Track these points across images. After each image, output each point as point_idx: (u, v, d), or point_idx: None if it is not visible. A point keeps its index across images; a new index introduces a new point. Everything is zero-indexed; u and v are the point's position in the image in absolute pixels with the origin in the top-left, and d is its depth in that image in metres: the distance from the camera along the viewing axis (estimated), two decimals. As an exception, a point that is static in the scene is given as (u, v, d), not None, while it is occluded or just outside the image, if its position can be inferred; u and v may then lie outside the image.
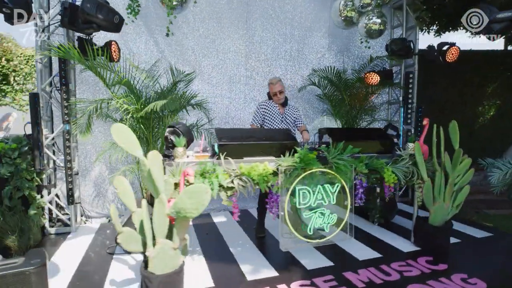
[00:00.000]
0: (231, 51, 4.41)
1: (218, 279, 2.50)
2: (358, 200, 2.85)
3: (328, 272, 2.61)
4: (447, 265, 2.76)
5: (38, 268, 1.43)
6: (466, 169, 3.07)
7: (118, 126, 2.06)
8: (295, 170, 2.57)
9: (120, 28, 3.12)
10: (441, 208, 3.04)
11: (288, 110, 3.38)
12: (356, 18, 4.28)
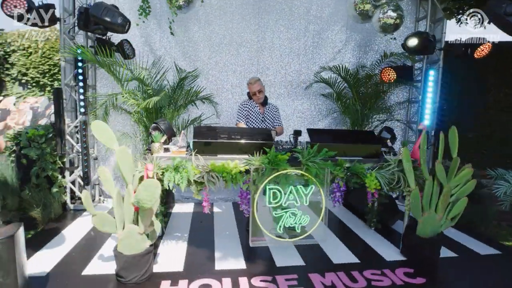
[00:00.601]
0: (243, 46, 4.50)
1: (189, 265, 2.71)
2: (335, 203, 2.83)
3: (295, 271, 2.66)
4: (426, 279, 2.62)
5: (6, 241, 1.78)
6: (466, 179, 2.83)
7: (98, 123, 2.34)
8: (268, 169, 2.64)
9: (126, 29, 3.42)
10: (432, 219, 2.86)
11: (268, 110, 3.41)
12: (372, 11, 4.08)
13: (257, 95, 3.27)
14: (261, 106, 3.38)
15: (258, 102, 3.35)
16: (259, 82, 3.27)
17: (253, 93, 3.28)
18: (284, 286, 2.43)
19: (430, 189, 2.82)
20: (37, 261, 2.70)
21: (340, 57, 4.66)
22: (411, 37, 3.84)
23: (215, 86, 4.51)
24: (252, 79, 3.28)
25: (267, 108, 3.42)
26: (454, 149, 2.84)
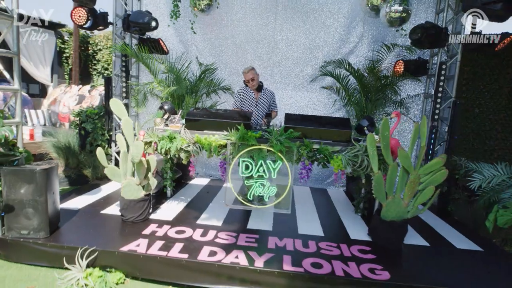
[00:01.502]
0: (261, 42, 4.99)
1: (177, 218, 3.37)
2: (302, 178, 3.17)
3: (258, 233, 3.10)
4: (376, 256, 2.80)
5: (42, 170, 2.66)
6: (436, 168, 2.89)
7: (114, 100, 3.14)
8: (244, 145, 3.14)
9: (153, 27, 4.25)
10: (396, 204, 2.99)
11: (262, 95, 3.83)
12: (382, 6, 4.19)
13: (250, 83, 3.76)
14: (256, 92, 3.85)
15: (252, 89, 3.83)
16: (252, 71, 3.75)
17: (247, 80, 3.77)
18: (242, 241, 2.90)
19: (393, 174, 2.95)
20: (76, 201, 3.68)
21: (357, 51, 4.81)
22: (416, 30, 3.85)
23: (237, 78, 5.10)
24: (246, 68, 3.77)
25: (262, 93, 3.87)
26: (423, 138, 2.92)
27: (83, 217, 3.25)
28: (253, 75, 3.73)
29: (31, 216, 2.68)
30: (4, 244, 2.69)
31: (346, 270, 2.50)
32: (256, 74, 3.76)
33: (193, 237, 2.90)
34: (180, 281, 2.52)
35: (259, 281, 2.45)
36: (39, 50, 6.92)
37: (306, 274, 2.43)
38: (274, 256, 2.65)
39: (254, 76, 3.74)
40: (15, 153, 2.78)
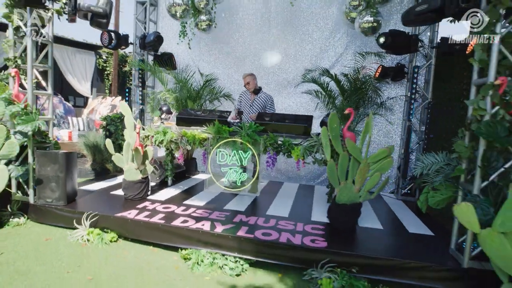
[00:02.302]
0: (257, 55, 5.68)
1: (169, 199, 4.05)
2: (268, 166, 3.72)
3: (231, 212, 3.66)
4: (324, 232, 3.23)
5: (64, 153, 3.51)
6: (383, 157, 3.28)
7: (123, 103, 3.99)
8: (221, 137, 3.78)
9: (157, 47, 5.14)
10: (348, 189, 3.39)
11: (258, 98, 4.47)
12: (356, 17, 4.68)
13: (247, 86, 4.48)
14: (253, 94, 4.52)
15: (250, 91, 4.50)
16: (249, 76, 4.44)
17: (245, 84, 4.50)
18: (214, 216, 3.49)
19: (343, 162, 3.37)
20: (94, 185, 4.55)
21: (342, 61, 5.29)
22: (381, 36, 4.27)
23: (237, 87, 5.81)
24: (245, 74, 4.49)
25: (258, 96, 4.51)
26: (370, 131, 3.33)
27: (95, 195, 4.08)
28: (249, 79, 4.42)
29: (54, 188, 3.54)
30: (35, 209, 3.56)
31: (289, 239, 2.98)
32: (252, 79, 4.44)
33: (175, 212, 3.56)
34: (159, 241, 3.17)
35: (218, 243, 3.02)
36: (82, 68, 8.28)
37: (254, 239, 2.96)
38: (233, 226, 3.20)
39: (250, 81, 4.42)
40: (46, 141, 3.69)
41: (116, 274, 2.66)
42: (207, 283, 2.66)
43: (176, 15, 5.08)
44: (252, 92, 4.50)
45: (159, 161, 4.80)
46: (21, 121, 3.33)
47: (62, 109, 7.41)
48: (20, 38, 3.51)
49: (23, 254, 2.88)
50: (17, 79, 3.42)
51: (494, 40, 2.42)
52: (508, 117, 2.43)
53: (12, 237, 3.19)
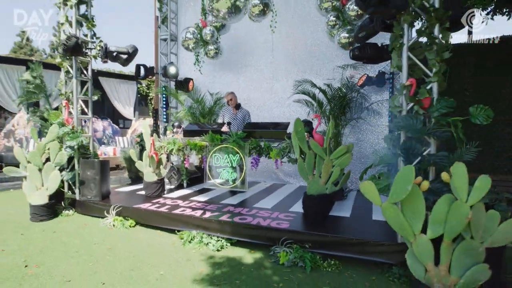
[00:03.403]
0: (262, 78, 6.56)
1: (179, 197, 4.99)
2: (252, 167, 4.47)
3: (223, 205, 4.46)
4: (293, 218, 3.86)
5: (98, 161, 4.66)
6: (342, 154, 3.86)
7: (143, 121, 5.12)
8: (215, 144, 4.66)
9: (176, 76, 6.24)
10: (315, 182, 4.00)
11: (239, 112, 5.29)
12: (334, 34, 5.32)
13: (229, 102, 5.33)
14: (234, 109, 5.37)
15: (231, 107, 5.36)
16: (230, 95, 5.32)
17: (227, 101, 5.35)
18: (208, 207, 4.32)
19: (310, 159, 3.99)
20: (126, 188, 5.69)
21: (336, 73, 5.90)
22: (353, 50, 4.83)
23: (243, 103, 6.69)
24: (226, 93, 5.37)
25: (239, 111, 5.36)
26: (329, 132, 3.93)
27: (124, 194, 5.19)
28: (231, 97, 5.29)
29: (92, 188, 4.69)
30: (79, 203, 4.74)
31: (259, 222, 3.68)
32: (234, 97, 5.32)
33: (179, 204, 4.47)
34: (163, 225, 4.08)
35: (205, 226, 3.83)
36: (126, 95, 9.91)
37: (231, 222, 3.72)
38: (219, 214, 3.99)
39: (232, 97, 5.29)
40: (87, 152, 4.90)
41: (128, 246, 3.61)
42: (193, 254, 3.47)
43: (189, 48, 6.20)
44: (234, 107, 5.36)
45: (176, 167, 5.81)
46: (69, 138, 4.56)
47: (110, 130, 8.99)
48: (69, 78, 4.81)
49: (68, 233, 3.99)
50: (66, 108, 4.70)
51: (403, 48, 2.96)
52: (421, 111, 2.92)
53: (62, 223, 4.36)
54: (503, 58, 5.63)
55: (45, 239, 3.75)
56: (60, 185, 4.56)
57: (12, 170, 4.39)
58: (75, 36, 4.34)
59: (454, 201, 2.29)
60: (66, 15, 4.64)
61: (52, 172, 4.37)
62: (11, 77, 7.70)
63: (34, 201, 4.33)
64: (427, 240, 2.42)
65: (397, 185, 2.44)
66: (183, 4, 7.15)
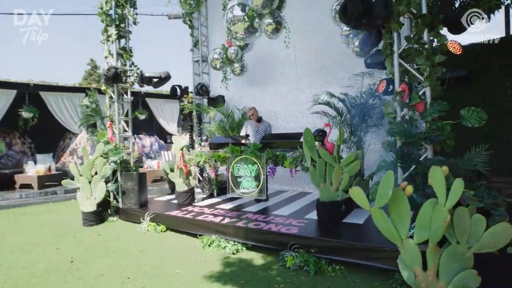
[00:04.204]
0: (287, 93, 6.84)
1: (207, 205, 5.41)
2: (270, 176, 4.71)
3: (244, 212, 4.76)
4: (304, 224, 4.01)
5: (137, 173, 5.26)
6: (351, 161, 3.95)
7: (175, 137, 5.70)
8: (236, 156, 5.02)
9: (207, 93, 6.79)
10: (327, 189, 4.11)
11: (261, 125, 5.56)
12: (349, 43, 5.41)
13: (251, 117, 5.65)
14: (256, 122, 5.68)
15: (253, 120, 5.68)
16: (252, 110, 5.65)
17: (249, 116, 5.69)
18: (229, 214, 4.66)
19: (321, 167, 4.11)
20: (165, 197, 6.30)
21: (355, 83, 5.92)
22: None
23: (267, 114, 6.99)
24: (248, 108, 5.70)
25: (261, 124, 5.66)
26: (339, 140, 4.03)
27: (160, 203, 5.78)
28: (252, 112, 5.63)
29: (132, 197, 5.34)
30: (122, 211, 5.43)
31: (270, 228, 3.91)
32: (255, 111, 5.64)
33: (204, 212, 4.88)
34: (188, 230, 4.52)
35: (223, 231, 4.16)
36: (169, 113, 10.87)
37: (244, 227, 4.00)
38: (236, 220, 4.30)
39: (253, 112, 5.63)
40: (129, 166, 5.61)
41: (156, 249, 4.09)
42: (210, 256, 3.82)
43: (216, 67, 6.73)
44: (256, 121, 5.66)
45: (208, 178, 6.28)
46: (113, 154, 5.29)
47: (157, 145, 9.92)
48: (112, 102, 5.61)
49: (110, 236, 4.63)
50: (110, 128, 5.47)
51: (394, 56, 3.02)
52: (416, 117, 2.94)
53: (107, 228, 5.05)
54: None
55: (91, 241, 4.41)
56: (106, 195, 5.29)
57: (69, 182, 5.23)
58: (114, 67, 5.09)
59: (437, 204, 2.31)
60: (109, 49, 5.45)
61: (99, 183, 5.10)
62: (74, 103, 9.05)
63: (85, 208, 5.09)
64: (414, 245, 2.44)
65: (381, 190, 2.52)
66: (213, 28, 7.78)
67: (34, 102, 8.72)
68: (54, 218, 5.73)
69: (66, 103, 9.01)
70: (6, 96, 8.20)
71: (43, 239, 4.51)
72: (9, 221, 5.58)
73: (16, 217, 5.88)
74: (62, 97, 8.94)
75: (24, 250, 4.08)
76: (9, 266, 3.55)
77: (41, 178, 7.64)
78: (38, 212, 6.27)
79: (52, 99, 8.94)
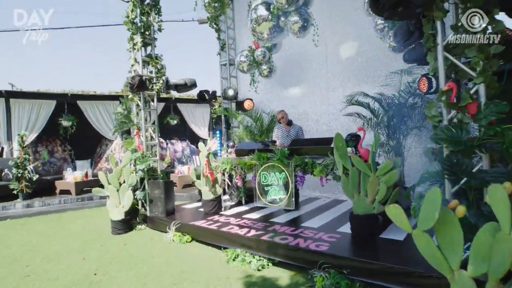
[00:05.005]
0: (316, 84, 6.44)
1: (234, 214, 5.20)
2: (298, 184, 4.38)
3: (272, 223, 4.47)
4: (336, 240, 3.63)
5: (163, 181, 5.22)
6: (387, 169, 3.52)
7: (201, 143, 5.57)
8: (263, 163, 4.75)
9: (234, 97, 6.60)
10: (362, 201, 3.71)
11: (291, 129, 5.21)
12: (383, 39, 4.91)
13: (281, 120, 5.35)
14: (287, 126, 5.36)
15: (283, 124, 5.37)
16: (281, 113, 5.33)
17: (278, 119, 5.38)
18: (255, 225, 4.41)
19: (354, 176, 3.71)
20: (193, 205, 6.20)
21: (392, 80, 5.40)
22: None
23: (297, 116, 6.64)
24: (277, 112, 5.40)
25: (291, 128, 5.32)
26: (374, 145, 3.60)
27: (187, 211, 5.67)
28: (282, 115, 5.33)
29: (159, 205, 5.29)
30: (149, 219, 5.39)
31: (298, 243, 3.58)
32: (285, 114, 5.33)
33: (230, 222, 4.67)
34: (213, 242, 4.33)
35: (248, 244, 3.91)
36: (200, 118, 10.88)
37: (270, 242, 3.71)
38: (262, 232, 4.03)
39: (283, 115, 5.32)
40: (156, 174, 5.57)
41: (180, 261, 3.94)
42: (234, 272, 3.58)
43: (244, 70, 6.53)
44: (286, 125, 5.32)
45: (235, 185, 6.08)
46: (139, 162, 5.28)
47: (188, 150, 9.96)
48: (139, 110, 5.61)
49: (136, 246, 4.58)
50: (137, 136, 5.47)
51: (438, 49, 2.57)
52: (467, 120, 2.48)
53: (134, 237, 5.02)
54: None
55: (117, 251, 4.38)
56: (134, 203, 5.29)
57: (99, 191, 5.29)
58: (138, 75, 5.07)
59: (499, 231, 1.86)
60: (135, 57, 5.46)
61: (127, 192, 5.10)
62: (108, 110, 9.36)
63: (114, 217, 5.11)
64: (468, 278, 2.00)
65: (425, 211, 2.11)
66: (240, 30, 7.59)
67: (72, 111, 9.16)
68: (86, 224, 5.86)
69: (102, 111, 9.35)
70: (47, 106, 8.70)
71: (73, 246, 4.58)
72: (47, 227, 5.79)
73: (53, 223, 6.11)
74: (98, 105, 9.29)
75: (53, 259, 4.13)
76: (35, 278, 3.58)
77: (78, 184, 7.95)
78: (73, 217, 6.47)
79: (88, 108, 9.32)
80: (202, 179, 5.31)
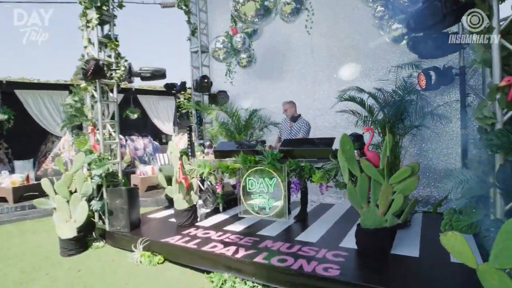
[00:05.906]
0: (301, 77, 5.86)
1: (212, 225, 4.47)
2: (293, 192, 3.78)
3: (260, 237, 3.83)
4: (344, 259, 3.09)
5: (126, 189, 4.34)
6: (406, 176, 3.02)
7: (171, 143, 4.72)
8: (249, 167, 4.06)
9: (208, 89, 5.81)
10: (372, 213, 3.19)
11: (295, 124, 4.56)
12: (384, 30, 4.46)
13: (284, 113, 4.70)
14: (291, 121, 4.67)
15: (287, 118, 4.71)
16: (287, 104, 4.65)
17: (283, 111, 4.73)
18: (243, 242, 3.73)
19: (363, 183, 3.19)
20: (160, 213, 5.34)
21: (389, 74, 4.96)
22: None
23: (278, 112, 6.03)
24: (283, 102, 4.71)
25: (296, 123, 4.61)
26: (387, 149, 3.09)
27: (156, 222, 4.82)
28: (287, 107, 4.65)
29: (121, 218, 4.37)
30: (109, 235, 4.46)
31: (302, 265, 2.98)
32: (290, 107, 4.64)
33: (211, 237, 3.94)
34: (191, 264, 3.58)
35: (237, 268, 3.23)
36: (164, 111, 9.84)
37: (267, 265, 3.07)
38: (253, 252, 3.37)
39: (287, 108, 4.64)
40: (116, 180, 4.63)
41: (149, 292, 3.15)
42: (223, 306, 2.89)
43: (219, 58, 5.74)
44: (290, 119, 4.65)
45: (211, 189, 5.32)
46: (96, 166, 4.31)
47: (151, 148, 8.94)
48: (94, 103, 4.60)
49: (92, 272, 3.66)
50: (92, 134, 4.48)
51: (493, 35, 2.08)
52: (527, 123, 2.02)
53: (90, 259, 4.07)
54: None
55: (68, 281, 3.45)
56: (89, 215, 4.33)
57: (42, 202, 4.24)
58: (94, 59, 4.08)
59: None
60: (88, 37, 4.43)
61: (79, 203, 4.12)
62: (55, 102, 7.99)
63: (63, 234, 4.11)
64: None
65: (505, 245, 1.60)
66: (214, 13, 6.74)
67: (8, 102, 7.65)
68: (27, 243, 4.74)
69: (47, 102, 7.95)
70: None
71: (8, 278, 3.55)
72: (-28, 248, 4.59)
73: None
74: (42, 95, 7.86)
75: (-23, 300, 3.12)
76: None
77: (16, 189, 6.61)
78: (10, 234, 5.27)
79: (30, 98, 7.86)
80: (175, 185, 4.50)
